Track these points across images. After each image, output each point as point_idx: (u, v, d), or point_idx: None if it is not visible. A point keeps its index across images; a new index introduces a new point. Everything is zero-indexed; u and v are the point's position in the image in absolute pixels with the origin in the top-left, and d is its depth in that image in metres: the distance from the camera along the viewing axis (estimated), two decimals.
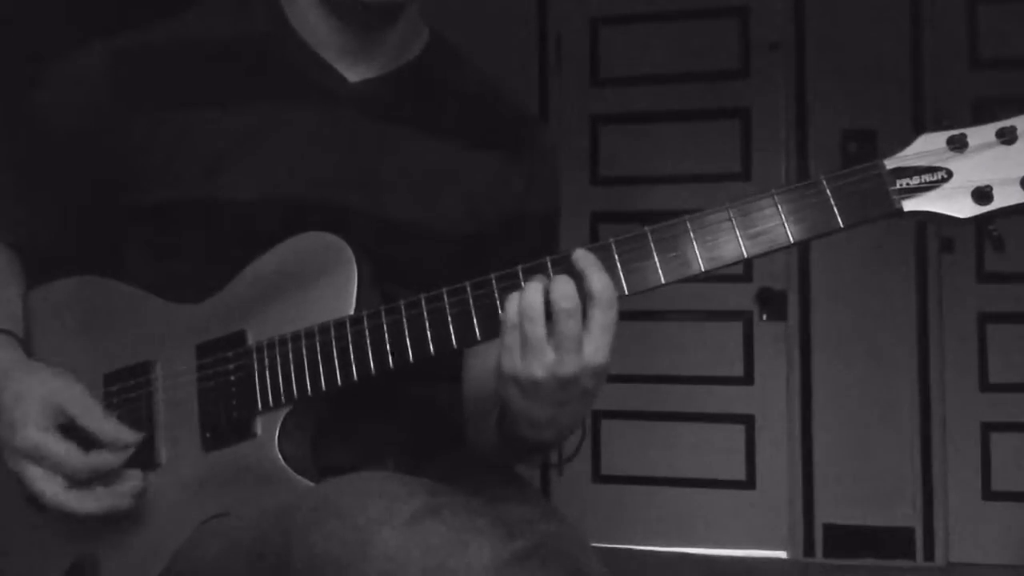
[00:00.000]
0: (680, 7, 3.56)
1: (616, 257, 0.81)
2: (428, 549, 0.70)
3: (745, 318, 3.47)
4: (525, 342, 0.79)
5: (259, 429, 0.89)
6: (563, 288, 0.77)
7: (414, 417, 1.02)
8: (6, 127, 1.03)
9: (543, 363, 0.79)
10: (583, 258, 0.80)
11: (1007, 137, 0.78)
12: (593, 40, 3.65)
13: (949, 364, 3.30)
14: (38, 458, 0.88)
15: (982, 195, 0.76)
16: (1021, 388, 3.26)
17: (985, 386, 3.29)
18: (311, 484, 0.85)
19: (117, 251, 1.04)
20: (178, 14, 1.02)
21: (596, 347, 0.78)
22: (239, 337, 0.91)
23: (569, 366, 0.78)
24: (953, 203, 0.76)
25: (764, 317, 3.45)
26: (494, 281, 0.83)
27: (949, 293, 3.29)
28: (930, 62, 3.33)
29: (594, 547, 0.99)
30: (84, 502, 0.88)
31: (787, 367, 3.41)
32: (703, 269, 0.80)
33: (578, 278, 0.78)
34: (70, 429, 0.90)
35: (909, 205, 0.77)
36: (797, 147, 3.42)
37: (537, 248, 1.08)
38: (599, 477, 3.58)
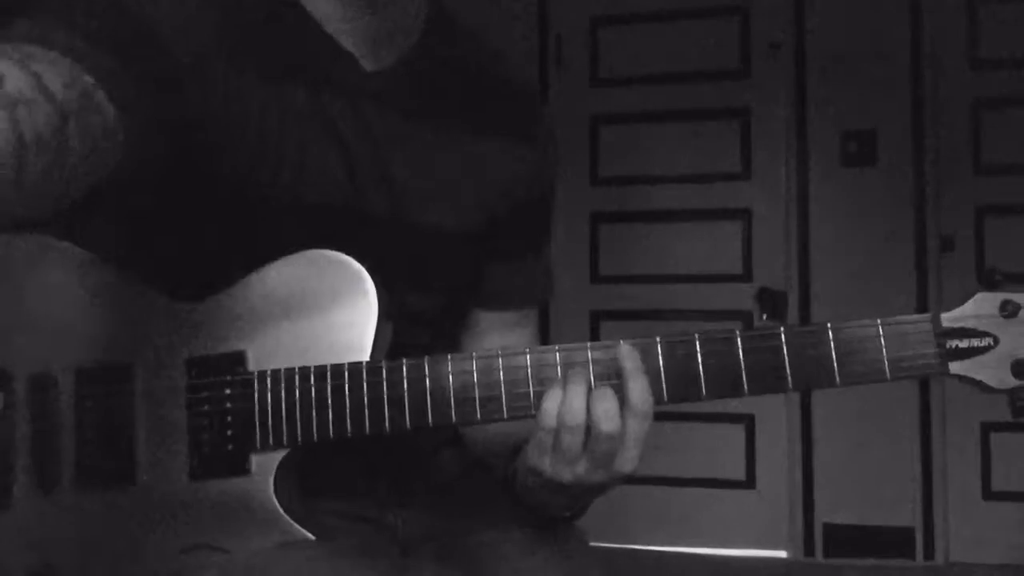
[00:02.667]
0: (680, 7, 3.56)
1: (660, 361, 0.79)
2: None
3: (745, 318, 3.46)
4: (558, 448, 0.77)
5: (254, 467, 0.82)
6: (607, 407, 0.76)
7: (406, 455, 1.00)
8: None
9: (573, 472, 0.78)
10: (627, 358, 0.78)
11: None
12: (593, 40, 3.65)
13: None
14: None
15: (1021, 368, 0.77)
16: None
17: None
18: (303, 530, 0.82)
19: (105, 225, 0.90)
20: None
21: (627, 459, 0.77)
22: (238, 358, 0.83)
23: (598, 476, 0.78)
24: (993, 372, 0.77)
25: (764, 317, 3.44)
26: (528, 359, 0.80)
27: (949, 293, 3.29)
28: (930, 62, 3.33)
29: (594, 547, 0.98)
30: None
31: None
32: (746, 392, 0.79)
33: (617, 379, 0.77)
34: None
35: (955, 368, 0.78)
36: (797, 147, 3.42)
37: (536, 224, 1.07)
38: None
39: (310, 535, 0.82)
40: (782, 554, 3.38)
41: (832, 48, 3.40)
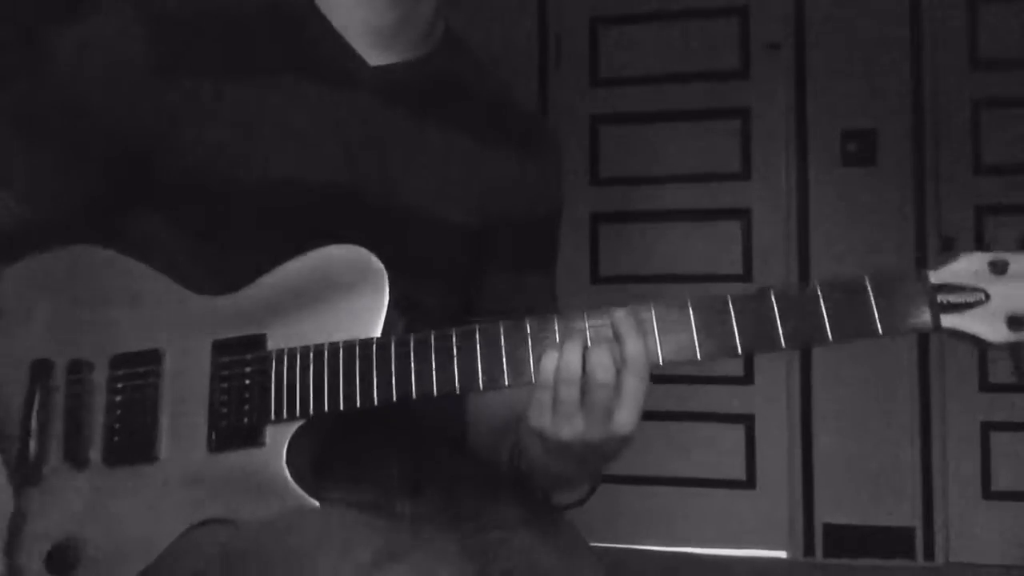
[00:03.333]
0: (680, 7, 3.56)
1: (655, 323, 0.81)
2: None
3: None
4: (557, 404, 0.79)
5: (268, 438, 0.87)
6: (601, 358, 0.78)
7: (418, 434, 1.02)
8: (17, 81, 0.97)
9: (573, 427, 0.79)
10: (622, 321, 0.79)
11: None
12: (593, 40, 3.65)
13: (949, 364, 3.29)
14: None
15: (1017, 322, 0.76)
16: (1021, 388, 3.25)
17: (985, 386, 3.29)
18: (311, 499, 0.85)
19: (135, 225, 1.00)
20: None
21: (626, 417, 0.79)
22: (259, 340, 0.89)
23: (598, 433, 0.79)
24: (988, 326, 0.77)
25: None
26: (528, 327, 0.83)
27: None
28: (930, 62, 3.33)
29: (594, 547, 0.99)
30: None
31: (787, 367, 3.41)
32: (740, 352, 0.80)
33: (614, 339, 0.79)
34: None
35: (947, 322, 0.77)
36: (797, 147, 3.41)
37: (541, 242, 1.10)
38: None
39: (317, 503, 0.85)
40: (782, 554, 3.38)
41: (832, 48, 3.40)
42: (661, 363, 0.81)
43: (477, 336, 0.83)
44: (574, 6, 3.65)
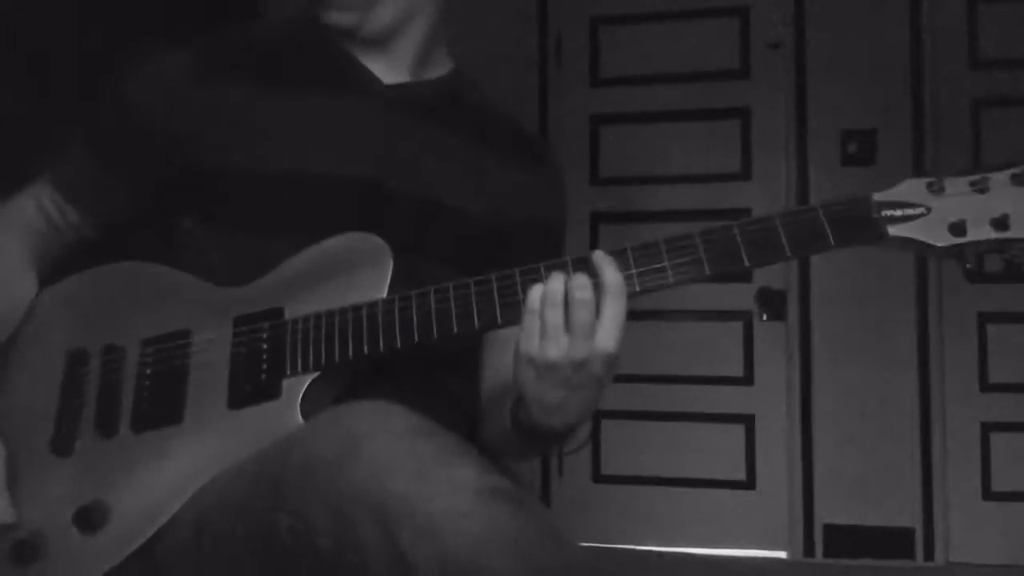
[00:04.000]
0: (680, 7, 3.56)
1: (631, 260, 0.91)
2: (417, 460, 0.75)
3: (745, 318, 3.47)
4: (544, 327, 0.87)
5: (284, 391, 0.94)
6: (580, 280, 0.87)
7: (429, 405, 1.03)
8: (93, 113, 1.14)
9: (559, 346, 0.86)
10: (600, 257, 0.90)
11: (979, 186, 0.88)
12: (593, 40, 3.65)
13: (949, 364, 3.30)
14: None
15: (957, 228, 0.86)
16: (1021, 388, 3.26)
17: (985, 386, 3.29)
18: None
19: (166, 230, 1.13)
20: (246, 23, 1.17)
21: (606, 335, 0.86)
22: (277, 312, 0.98)
23: (581, 351, 0.86)
24: (932, 233, 0.87)
25: (764, 317, 3.45)
26: (518, 273, 0.92)
27: (949, 293, 3.30)
28: (930, 62, 3.33)
29: (594, 547, 0.99)
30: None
31: (787, 367, 3.41)
32: (707, 272, 0.90)
33: (594, 276, 0.88)
34: None
35: (893, 231, 0.87)
36: (797, 147, 3.42)
37: (547, 252, 1.15)
38: (599, 477, 3.58)
39: None
40: (782, 554, 3.38)
41: (832, 48, 3.40)
42: (638, 290, 0.90)
43: (472, 285, 0.92)
44: (574, 6, 3.65)
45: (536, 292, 0.88)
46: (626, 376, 3.36)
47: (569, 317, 0.86)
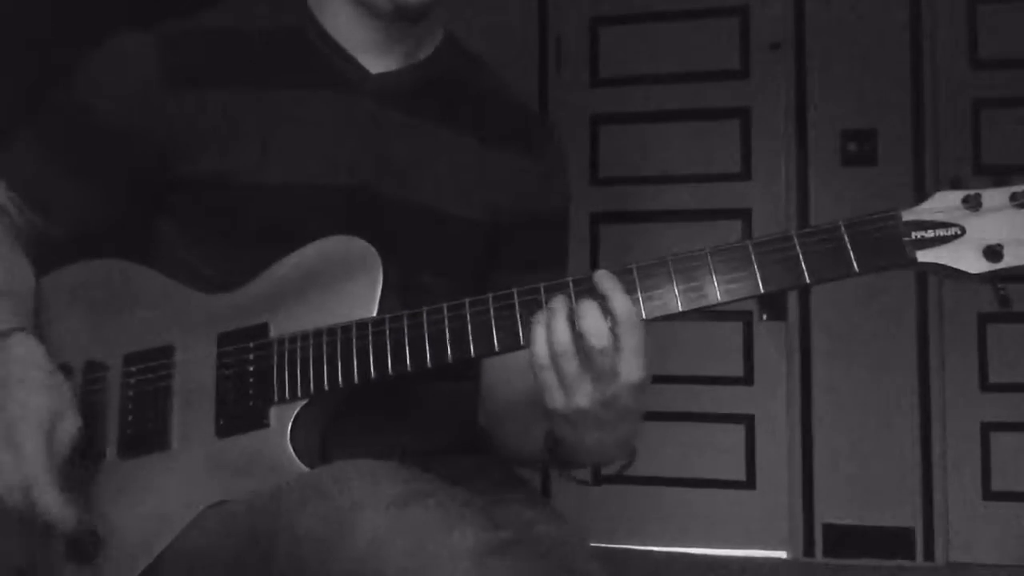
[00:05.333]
0: (680, 7, 3.56)
1: (637, 282, 0.83)
2: (411, 531, 0.72)
3: (745, 318, 3.47)
4: (563, 379, 0.80)
5: (272, 420, 0.90)
6: (594, 325, 0.79)
7: (424, 416, 1.03)
8: (48, 111, 1.05)
9: (585, 394, 0.80)
10: (605, 280, 0.81)
11: (1019, 201, 0.78)
12: (593, 40, 3.65)
13: (949, 364, 3.29)
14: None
15: (993, 253, 0.78)
16: (1021, 388, 3.26)
17: (985, 386, 3.29)
18: None
19: (147, 234, 1.06)
20: (216, 5, 1.06)
21: (629, 367, 0.80)
22: (261, 329, 0.93)
23: (610, 390, 0.80)
24: (964, 258, 0.78)
25: (764, 317, 3.45)
26: (516, 296, 0.85)
27: (949, 293, 3.29)
28: (930, 62, 3.33)
29: (594, 547, 0.99)
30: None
31: (787, 367, 3.41)
32: (719, 300, 0.83)
33: (600, 299, 0.80)
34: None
35: (923, 256, 0.79)
36: (797, 147, 3.41)
37: (550, 242, 1.12)
38: (599, 477, 3.57)
39: None
40: (782, 554, 3.38)
41: (832, 48, 3.40)
42: (644, 318, 0.82)
43: (467, 307, 0.86)
44: (574, 6, 3.65)
45: (542, 343, 0.80)
46: None
47: (589, 364, 0.79)
